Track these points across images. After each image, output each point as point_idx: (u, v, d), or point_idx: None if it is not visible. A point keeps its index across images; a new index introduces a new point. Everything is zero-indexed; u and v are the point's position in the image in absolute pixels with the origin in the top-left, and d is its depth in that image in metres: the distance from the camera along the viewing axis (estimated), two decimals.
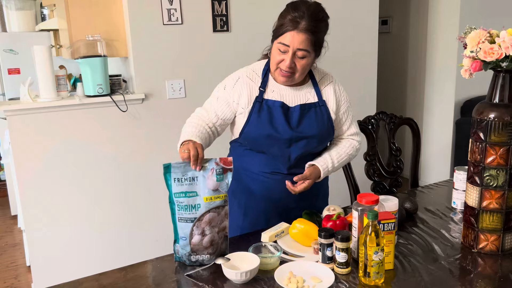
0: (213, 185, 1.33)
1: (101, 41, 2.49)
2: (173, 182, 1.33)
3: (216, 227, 1.35)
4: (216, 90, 1.64)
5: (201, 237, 1.33)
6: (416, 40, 4.33)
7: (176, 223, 1.36)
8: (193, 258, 1.35)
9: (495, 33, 1.28)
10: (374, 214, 1.20)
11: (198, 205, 1.32)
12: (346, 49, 3.19)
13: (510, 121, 1.30)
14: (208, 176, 1.33)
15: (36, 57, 2.38)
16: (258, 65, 1.63)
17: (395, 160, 2.19)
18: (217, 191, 1.33)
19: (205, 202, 1.32)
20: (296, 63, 1.48)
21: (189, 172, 1.33)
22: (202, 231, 1.33)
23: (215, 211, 1.33)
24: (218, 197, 1.33)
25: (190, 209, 1.32)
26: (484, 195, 1.36)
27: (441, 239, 1.50)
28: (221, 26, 2.77)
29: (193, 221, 1.32)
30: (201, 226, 1.33)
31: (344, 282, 1.25)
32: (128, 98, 2.57)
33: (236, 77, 1.59)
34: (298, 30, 1.42)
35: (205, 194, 1.32)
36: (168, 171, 1.33)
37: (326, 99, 1.61)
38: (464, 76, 1.36)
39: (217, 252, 1.37)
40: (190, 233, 1.33)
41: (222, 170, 1.34)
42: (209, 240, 1.34)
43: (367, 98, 3.37)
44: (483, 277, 1.27)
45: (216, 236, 1.35)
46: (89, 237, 2.64)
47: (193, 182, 1.33)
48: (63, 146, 2.49)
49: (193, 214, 1.32)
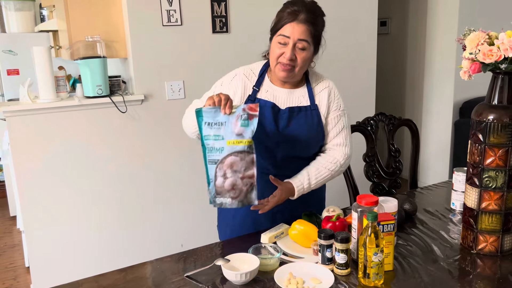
0: (237, 130, 1.36)
1: (101, 42, 2.49)
2: (204, 125, 1.38)
3: (239, 173, 1.37)
4: (214, 86, 1.67)
5: (223, 179, 1.37)
6: (415, 41, 4.34)
7: (207, 166, 1.39)
8: (218, 200, 1.39)
9: (494, 35, 1.29)
10: (374, 215, 1.21)
11: (222, 148, 1.36)
12: (345, 50, 3.20)
13: (509, 122, 1.30)
14: (234, 121, 1.36)
15: (36, 58, 2.38)
16: (256, 65, 1.64)
17: (394, 161, 2.19)
18: (240, 136, 1.36)
19: (228, 145, 1.36)
20: (296, 55, 1.48)
21: (218, 117, 1.37)
22: (224, 174, 1.37)
23: (237, 156, 1.36)
24: (240, 141, 1.36)
25: (215, 151, 1.37)
26: (483, 196, 1.36)
27: (440, 240, 1.50)
28: (221, 27, 2.77)
29: (216, 163, 1.37)
30: (223, 168, 1.36)
31: (343, 283, 1.25)
32: (127, 99, 2.57)
33: (234, 74, 1.62)
34: (298, 21, 1.45)
35: (229, 138, 1.36)
36: (200, 115, 1.38)
37: (318, 103, 1.60)
38: (463, 77, 1.37)
39: (241, 198, 1.38)
40: (214, 175, 1.37)
41: (248, 116, 1.36)
42: (231, 184, 1.36)
43: (366, 99, 3.37)
44: (482, 278, 1.27)
45: (239, 181, 1.37)
46: (89, 238, 2.64)
47: (221, 126, 1.37)
48: (63, 147, 2.49)
49: (217, 156, 1.37)
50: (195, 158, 2.84)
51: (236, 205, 1.38)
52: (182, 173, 2.83)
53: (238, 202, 1.38)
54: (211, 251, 1.47)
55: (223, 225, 1.76)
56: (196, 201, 2.89)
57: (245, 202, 1.39)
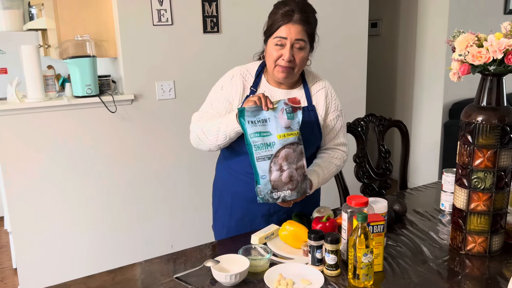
0: (285, 123, 1.39)
1: (90, 41, 2.47)
2: (247, 124, 1.39)
3: (294, 164, 1.39)
4: (213, 92, 1.63)
5: (279, 173, 1.38)
6: (405, 42, 4.37)
7: (255, 163, 1.39)
8: (275, 195, 1.40)
9: (483, 37, 1.30)
10: (364, 216, 1.21)
11: (272, 143, 1.38)
12: (336, 51, 3.21)
13: (498, 124, 1.31)
14: (279, 115, 1.39)
15: (24, 57, 2.35)
16: (252, 65, 1.64)
17: (384, 162, 2.20)
18: (289, 129, 1.39)
19: (279, 139, 1.38)
20: (295, 56, 1.48)
21: (260, 115, 1.39)
22: (279, 167, 1.38)
23: (290, 147, 1.39)
24: (291, 134, 1.39)
25: (266, 147, 1.38)
26: (472, 197, 1.37)
27: (429, 241, 1.51)
28: (211, 27, 2.76)
29: (270, 158, 1.38)
30: (278, 162, 1.38)
31: (333, 284, 1.25)
32: (117, 99, 2.55)
33: (231, 75, 1.61)
34: (293, 21, 1.45)
35: (279, 132, 1.39)
36: (242, 114, 1.40)
37: (316, 103, 1.61)
38: (453, 79, 1.38)
39: (298, 189, 1.40)
40: (269, 170, 1.38)
41: (292, 109, 1.40)
42: (288, 175, 1.38)
43: (357, 100, 3.39)
44: (471, 278, 1.28)
45: (295, 172, 1.39)
46: (77, 240, 2.61)
47: (266, 123, 1.39)
48: (51, 147, 2.47)
49: (269, 151, 1.38)
50: (185, 159, 2.83)
51: (295, 196, 1.40)
52: (172, 173, 2.81)
53: (297, 193, 1.41)
54: (201, 252, 1.46)
55: (219, 225, 1.75)
56: (186, 201, 2.88)
57: (301, 192, 1.42)
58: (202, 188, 2.85)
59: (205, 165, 2.84)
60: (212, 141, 1.53)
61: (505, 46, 1.23)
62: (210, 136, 1.52)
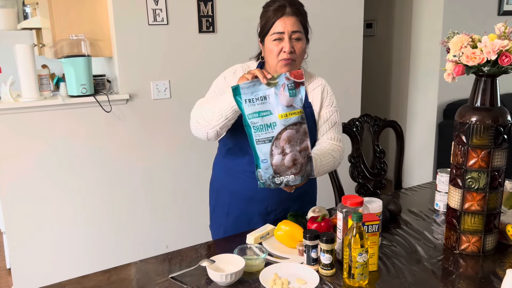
0: (286, 101, 1.27)
1: (85, 41, 2.46)
2: (244, 104, 1.28)
3: (297, 146, 1.28)
4: (218, 81, 1.63)
5: (282, 156, 1.27)
6: (400, 43, 4.38)
7: (255, 146, 1.29)
8: (277, 180, 1.29)
9: (477, 38, 1.31)
10: (359, 216, 1.21)
11: (273, 123, 1.27)
12: (331, 51, 3.22)
13: (492, 124, 1.32)
14: (280, 92, 1.27)
15: (18, 56, 2.34)
16: (251, 64, 1.65)
17: (379, 162, 2.21)
18: (291, 107, 1.27)
19: (280, 119, 1.27)
20: (294, 47, 1.50)
21: (259, 92, 1.28)
22: (282, 150, 1.27)
23: (293, 128, 1.27)
24: (293, 113, 1.27)
25: (266, 129, 1.27)
26: (466, 197, 1.38)
27: (424, 241, 1.52)
28: (207, 27, 2.76)
29: (271, 140, 1.27)
30: (280, 144, 1.27)
31: (328, 284, 1.25)
32: (112, 99, 2.54)
33: (234, 70, 1.62)
34: (286, 15, 1.48)
35: (280, 112, 1.27)
36: (237, 93, 1.28)
37: (312, 101, 1.62)
38: (447, 80, 1.39)
39: (302, 172, 1.30)
40: (270, 153, 1.28)
41: (294, 85, 1.28)
42: (291, 159, 1.28)
43: (352, 101, 3.40)
44: (465, 278, 1.29)
45: (298, 155, 1.28)
46: (72, 239, 2.60)
47: (265, 100, 1.28)
48: (46, 147, 2.46)
49: (270, 133, 1.27)
50: (181, 158, 2.82)
51: (299, 180, 1.30)
52: (168, 173, 2.81)
53: (301, 178, 1.30)
54: (196, 252, 1.46)
55: (216, 225, 1.75)
56: (182, 201, 2.87)
57: (306, 175, 1.32)
58: (197, 188, 2.85)
59: (201, 164, 2.84)
60: (209, 123, 1.45)
61: (499, 47, 1.24)
62: (206, 117, 1.46)
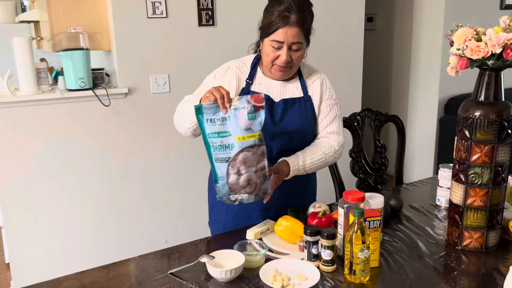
0: (245, 124, 1.30)
1: (84, 34, 2.43)
2: (206, 123, 1.31)
3: (253, 167, 1.32)
4: (207, 79, 1.63)
5: (237, 176, 1.32)
6: (401, 37, 4.36)
7: (214, 164, 1.33)
8: (232, 197, 1.35)
9: (482, 31, 1.29)
10: (360, 211, 1.20)
11: (231, 144, 1.31)
12: (332, 46, 3.19)
13: (495, 119, 1.30)
14: (239, 115, 1.30)
15: (16, 49, 2.32)
16: (248, 58, 1.63)
17: (380, 157, 2.20)
18: (249, 130, 1.31)
19: (238, 141, 1.30)
20: (291, 56, 1.47)
21: (220, 112, 1.31)
22: (237, 171, 1.32)
23: (249, 150, 1.31)
24: (251, 136, 1.31)
25: (224, 149, 1.31)
26: (469, 192, 1.37)
27: (425, 236, 1.50)
28: (207, 20, 2.74)
29: (228, 161, 1.31)
30: (236, 165, 1.31)
31: (329, 280, 1.24)
32: (111, 93, 2.52)
33: (226, 67, 1.60)
34: (289, 25, 1.42)
35: (238, 134, 1.30)
36: (200, 112, 1.31)
37: (311, 94, 1.61)
38: (451, 73, 1.36)
39: (257, 192, 1.34)
40: (226, 172, 1.32)
41: (254, 108, 1.30)
42: (246, 180, 1.32)
43: (353, 95, 3.37)
44: (467, 274, 1.27)
45: (254, 175, 1.33)
46: (70, 235, 2.59)
47: (225, 121, 1.30)
48: (44, 141, 2.44)
49: (227, 154, 1.31)
50: (180, 153, 2.81)
51: (253, 199, 1.34)
52: (167, 168, 2.79)
53: (255, 196, 1.35)
54: (196, 248, 1.45)
55: (215, 221, 1.73)
56: (181, 196, 2.86)
57: (261, 194, 1.36)
58: (196, 183, 2.84)
59: (200, 159, 2.82)
60: (183, 125, 1.52)
61: (504, 40, 1.21)
62: (180, 119, 1.53)
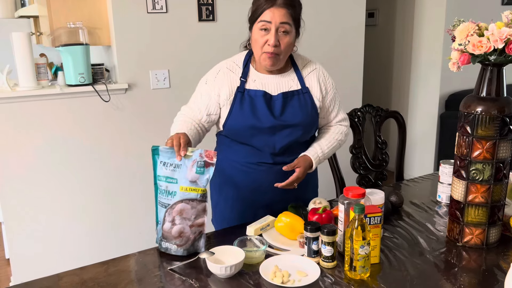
0: (191, 177, 1.32)
1: (83, 29, 2.42)
2: (159, 164, 1.35)
3: (188, 220, 1.33)
4: (199, 85, 1.62)
5: (171, 225, 1.33)
6: (402, 33, 4.34)
7: (157, 206, 1.37)
8: (163, 244, 1.36)
9: (484, 26, 1.27)
10: (361, 207, 1.19)
11: (174, 192, 1.33)
12: (333, 41, 3.17)
13: (497, 115, 1.29)
14: (189, 166, 1.33)
15: (15, 44, 2.31)
16: (238, 56, 1.62)
17: (380, 153, 2.19)
18: (194, 183, 1.32)
19: (180, 191, 1.32)
20: (280, 41, 1.46)
21: (175, 159, 1.34)
22: (172, 219, 1.33)
23: (189, 203, 1.32)
24: (194, 189, 1.32)
25: (167, 195, 1.34)
26: (470, 189, 1.36)
27: (426, 233, 1.50)
28: (207, 15, 2.72)
29: (166, 207, 1.34)
30: (172, 214, 1.33)
31: (329, 276, 1.23)
32: (110, 88, 2.51)
33: (217, 70, 1.59)
34: (277, 5, 1.44)
35: (182, 184, 1.32)
36: (156, 153, 1.36)
37: (309, 86, 1.60)
38: (452, 69, 1.35)
39: (187, 246, 1.34)
40: (163, 218, 1.34)
41: (204, 164, 1.32)
42: (178, 231, 1.33)
43: (353, 91, 3.36)
44: (468, 270, 1.27)
45: (188, 229, 1.33)
46: (70, 230, 2.59)
47: (176, 169, 1.34)
48: (43, 137, 2.43)
49: (168, 200, 1.34)
50: None
51: (181, 253, 1.33)
52: None
53: (184, 250, 1.33)
54: None
55: (219, 219, 1.73)
56: None
57: (191, 250, 1.34)
58: None
59: None
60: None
61: (507, 36, 1.20)
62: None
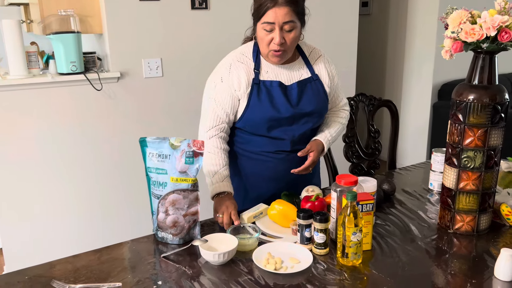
0: (181, 167, 1.32)
1: (74, 17, 2.39)
2: (148, 156, 1.36)
3: (182, 210, 1.33)
4: (213, 86, 1.56)
5: (164, 215, 1.35)
6: (396, 22, 4.33)
7: (150, 197, 1.39)
8: (159, 233, 1.38)
9: (477, 14, 1.27)
10: (353, 195, 1.20)
11: (165, 183, 1.33)
12: (327, 31, 3.16)
13: (489, 102, 1.30)
14: (178, 157, 1.32)
15: (5, 32, 2.28)
16: (245, 48, 1.59)
17: (373, 142, 2.20)
18: (184, 174, 1.32)
19: (171, 182, 1.32)
20: (285, 38, 1.45)
21: (163, 149, 1.33)
22: (166, 210, 1.34)
23: (180, 194, 1.33)
24: (184, 180, 1.32)
25: (158, 186, 1.34)
26: (461, 176, 1.37)
27: (418, 220, 1.51)
28: (200, 3, 2.70)
29: (159, 198, 1.34)
30: (165, 205, 1.34)
31: (322, 263, 1.24)
32: (103, 77, 2.49)
33: (228, 64, 1.55)
34: (278, 5, 1.41)
35: (172, 174, 1.32)
36: (144, 144, 1.36)
37: (318, 73, 1.62)
38: (445, 57, 1.36)
39: (183, 235, 1.35)
40: (157, 209, 1.36)
41: (193, 154, 1.32)
42: (172, 221, 1.34)
43: (347, 80, 3.36)
44: (459, 256, 1.28)
45: (182, 218, 1.34)
46: (63, 219, 2.58)
47: (165, 159, 1.33)
48: (35, 126, 2.41)
49: (160, 191, 1.34)
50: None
51: (177, 241, 1.35)
52: None
53: (179, 239, 1.35)
54: None
55: None
56: None
57: (187, 238, 1.36)
58: None
59: None
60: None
61: (499, 23, 1.21)
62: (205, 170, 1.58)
